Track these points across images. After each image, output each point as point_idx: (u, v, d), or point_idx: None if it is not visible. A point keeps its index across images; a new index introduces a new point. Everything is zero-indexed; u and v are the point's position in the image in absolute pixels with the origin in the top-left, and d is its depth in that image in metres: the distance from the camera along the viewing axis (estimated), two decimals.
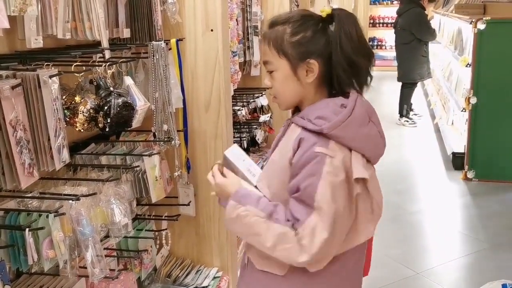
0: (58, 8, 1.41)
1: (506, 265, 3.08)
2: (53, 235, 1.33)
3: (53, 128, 1.33)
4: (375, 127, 1.29)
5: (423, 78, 6.66)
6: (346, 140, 1.22)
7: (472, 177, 4.51)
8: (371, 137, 1.27)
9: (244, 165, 1.39)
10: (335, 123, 1.20)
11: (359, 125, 1.23)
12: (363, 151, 1.24)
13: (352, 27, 1.26)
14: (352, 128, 1.22)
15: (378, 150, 1.30)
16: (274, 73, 1.30)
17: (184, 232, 2.23)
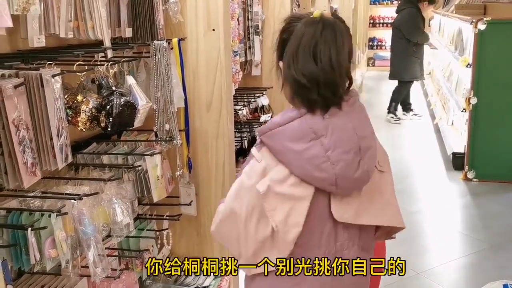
0: (61, 7, 1.41)
1: (506, 265, 3.08)
2: (55, 234, 1.33)
3: (56, 127, 1.33)
4: (321, 148, 1.17)
5: (413, 79, 6.73)
6: (272, 149, 1.20)
7: (472, 177, 4.52)
8: (305, 156, 1.17)
9: None
10: (262, 129, 1.21)
11: (289, 139, 1.17)
12: (289, 167, 1.18)
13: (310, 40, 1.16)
14: (279, 140, 1.18)
15: (319, 174, 1.17)
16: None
17: (185, 231, 2.23)
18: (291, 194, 1.18)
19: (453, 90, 5.43)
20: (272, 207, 1.18)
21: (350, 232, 1.26)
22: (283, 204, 1.18)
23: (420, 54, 6.59)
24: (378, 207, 1.27)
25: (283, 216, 1.18)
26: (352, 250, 1.27)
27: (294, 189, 1.18)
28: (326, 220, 1.23)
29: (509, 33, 4.34)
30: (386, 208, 1.29)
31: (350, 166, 1.18)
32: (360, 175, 1.19)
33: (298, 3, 3.53)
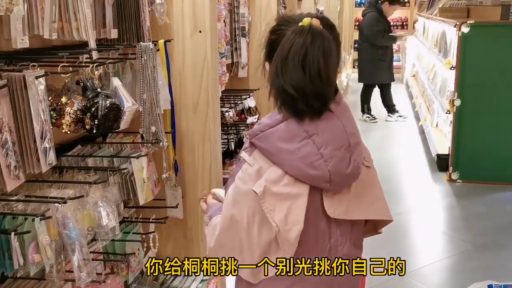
0: (45, 8, 1.39)
1: (490, 265, 3.12)
2: (39, 239, 1.31)
3: (39, 129, 1.30)
4: (313, 146, 1.18)
5: (381, 82, 6.86)
6: (265, 152, 1.20)
7: (456, 178, 4.57)
8: (298, 155, 1.18)
9: None
10: (254, 132, 1.21)
11: (281, 140, 1.18)
12: (283, 167, 1.19)
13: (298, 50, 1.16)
14: (271, 141, 1.19)
15: (313, 171, 1.18)
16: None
17: (172, 234, 2.21)
18: (288, 193, 1.19)
19: (437, 92, 5.49)
20: (271, 207, 1.19)
21: (342, 228, 1.28)
22: (281, 203, 1.19)
23: (387, 57, 6.73)
24: (367, 202, 1.29)
25: (283, 215, 1.19)
26: (345, 246, 1.29)
27: (289, 188, 1.19)
28: (320, 217, 1.24)
29: (492, 36, 4.40)
30: (375, 202, 1.32)
31: (342, 162, 1.20)
32: (351, 170, 1.22)
33: (284, 5, 3.54)
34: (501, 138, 4.44)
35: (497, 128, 4.44)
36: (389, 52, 6.82)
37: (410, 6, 11.49)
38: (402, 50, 10.13)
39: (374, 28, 6.58)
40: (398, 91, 8.20)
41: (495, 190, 4.36)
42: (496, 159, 4.46)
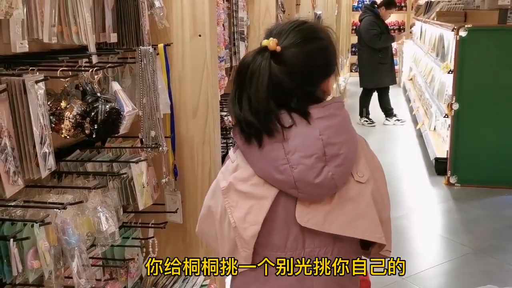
0: (44, 11, 1.38)
1: (490, 270, 3.11)
2: (38, 245, 1.29)
3: (39, 134, 1.29)
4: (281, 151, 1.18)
5: (383, 85, 6.87)
6: (240, 149, 1.26)
7: (455, 182, 4.57)
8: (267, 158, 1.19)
9: None
10: (234, 131, 1.26)
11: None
12: (254, 168, 1.22)
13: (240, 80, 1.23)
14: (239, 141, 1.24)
15: (278, 176, 1.19)
16: None
17: (171, 239, 2.20)
18: (252, 193, 1.21)
19: (435, 96, 5.50)
20: (233, 203, 1.22)
21: (321, 240, 1.24)
22: (244, 202, 1.22)
23: (387, 60, 6.76)
24: (350, 218, 1.22)
25: (243, 214, 1.21)
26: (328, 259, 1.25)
27: (255, 188, 1.21)
28: (291, 223, 1.22)
29: (490, 39, 4.42)
30: (360, 219, 1.23)
31: (310, 170, 1.18)
32: (322, 181, 1.18)
33: (283, 9, 3.54)
34: (499, 141, 4.45)
35: (495, 132, 4.45)
36: (389, 55, 6.83)
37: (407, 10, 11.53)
38: (399, 54, 10.16)
39: (371, 32, 6.63)
40: (395, 94, 8.21)
41: (493, 193, 4.36)
42: (494, 163, 4.47)
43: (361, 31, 6.88)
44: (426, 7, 8.68)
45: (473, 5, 5.90)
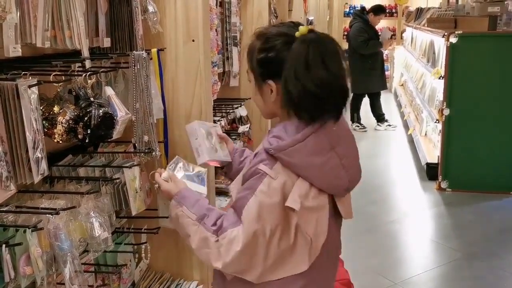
0: (38, 16, 1.37)
1: (480, 275, 3.13)
2: (31, 251, 1.28)
3: (32, 139, 1.28)
4: (337, 158, 1.23)
5: (373, 91, 6.91)
6: (292, 165, 1.20)
7: (446, 187, 4.60)
8: (326, 168, 1.22)
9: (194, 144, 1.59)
10: (281, 147, 1.20)
11: (310, 154, 1.20)
12: (311, 180, 1.21)
13: (316, 52, 1.17)
14: (301, 155, 1.20)
15: (337, 182, 1.25)
16: (251, 83, 1.35)
17: (164, 245, 2.19)
18: (316, 206, 1.24)
19: (426, 101, 5.54)
20: (305, 221, 1.22)
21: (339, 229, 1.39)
22: (312, 215, 1.23)
23: (377, 66, 6.82)
24: (350, 203, 1.39)
25: (314, 227, 1.24)
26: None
27: (316, 200, 1.23)
28: (333, 221, 1.31)
29: (480, 46, 4.47)
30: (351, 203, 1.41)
31: (357, 170, 1.31)
32: (360, 176, 1.33)
33: (276, 15, 3.55)
34: (490, 147, 4.49)
35: (486, 137, 4.48)
36: (379, 61, 6.90)
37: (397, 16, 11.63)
38: (390, 60, 10.24)
39: (358, 39, 6.68)
40: (386, 100, 8.26)
41: (484, 199, 4.39)
42: (485, 168, 4.50)
43: (350, 37, 6.94)
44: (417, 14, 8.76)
45: (463, 12, 5.96)
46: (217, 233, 1.25)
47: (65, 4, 1.45)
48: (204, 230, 1.27)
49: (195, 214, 1.31)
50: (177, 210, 1.35)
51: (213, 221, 1.27)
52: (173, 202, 1.38)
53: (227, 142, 1.71)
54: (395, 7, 11.66)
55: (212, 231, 1.25)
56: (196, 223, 1.29)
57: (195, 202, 1.35)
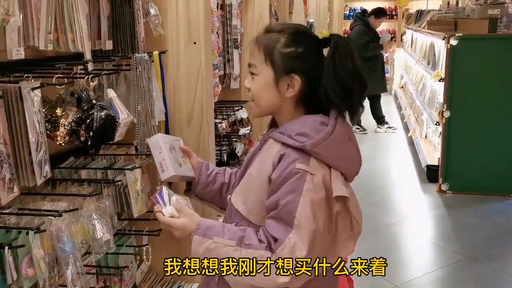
0: (41, 19, 1.38)
1: (481, 277, 3.13)
2: (33, 253, 1.28)
3: (35, 141, 1.29)
4: (354, 146, 1.31)
5: (373, 93, 6.93)
6: (326, 158, 1.22)
7: (446, 189, 4.60)
8: (350, 155, 1.29)
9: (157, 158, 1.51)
10: (318, 141, 1.21)
11: (339, 144, 1.25)
12: (342, 169, 1.25)
13: (347, 54, 1.26)
14: (333, 146, 1.23)
15: (355, 169, 1.32)
16: (256, 77, 1.31)
17: (165, 247, 2.19)
18: (352, 191, 1.29)
19: (426, 104, 5.55)
20: (353, 206, 1.26)
21: None
22: (355, 201, 1.29)
23: (378, 68, 6.83)
24: None
25: (359, 212, 1.29)
26: None
27: (349, 187, 1.30)
28: None
29: (480, 48, 4.47)
30: None
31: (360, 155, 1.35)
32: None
33: (276, 17, 3.56)
34: (490, 149, 4.49)
35: (486, 139, 4.49)
36: (379, 63, 6.90)
37: (398, 19, 11.65)
38: (390, 62, 10.25)
39: (359, 42, 6.69)
40: (386, 102, 8.27)
41: (484, 201, 4.39)
42: (485, 170, 4.51)
43: (351, 40, 6.96)
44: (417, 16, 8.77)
45: (463, 14, 5.97)
46: (270, 248, 1.18)
47: (68, 7, 1.45)
48: (253, 251, 1.18)
49: (232, 240, 1.20)
50: (206, 244, 1.23)
51: (256, 239, 1.20)
52: (197, 238, 1.25)
53: (191, 156, 1.62)
54: (395, 10, 11.68)
55: (264, 248, 1.18)
56: (239, 248, 1.19)
57: (222, 228, 1.25)
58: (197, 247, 1.24)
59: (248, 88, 1.34)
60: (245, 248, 1.19)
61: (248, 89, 1.34)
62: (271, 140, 1.30)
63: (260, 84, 1.30)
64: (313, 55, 1.27)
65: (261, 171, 1.27)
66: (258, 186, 1.27)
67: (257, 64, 1.30)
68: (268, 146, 1.31)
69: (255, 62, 1.31)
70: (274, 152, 1.25)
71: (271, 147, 1.28)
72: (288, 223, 1.17)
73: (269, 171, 1.24)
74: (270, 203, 1.21)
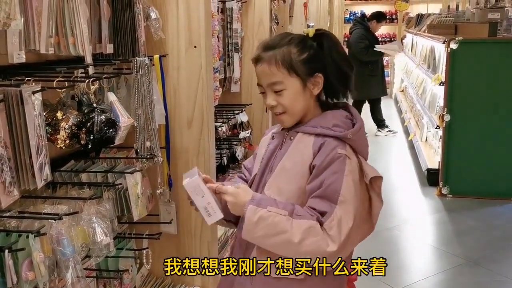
0: (42, 23, 1.38)
1: (482, 281, 3.13)
2: (33, 256, 1.28)
3: (35, 145, 1.29)
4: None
5: (373, 97, 6.92)
6: (358, 145, 1.38)
7: (447, 193, 4.59)
8: (367, 145, 1.45)
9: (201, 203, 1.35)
10: (356, 130, 1.38)
11: (364, 134, 1.42)
12: (364, 156, 1.41)
13: (337, 43, 1.45)
14: (362, 135, 1.41)
15: (367, 158, 1.44)
16: (284, 92, 1.39)
17: (165, 250, 2.19)
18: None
19: (427, 107, 5.55)
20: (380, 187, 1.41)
21: None
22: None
23: (378, 72, 6.83)
24: None
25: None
26: None
27: None
28: None
29: (480, 52, 4.48)
30: None
31: None
32: None
33: (277, 21, 3.57)
34: (491, 153, 4.49)
35: (487, 143, 4.49)
36: (379, 67, 6.91)
37: (398, 22, 11.66)
38: (390, 65, 10.26)
39: (359, 46, 6.69)
40: (387, 106, 8.27)
41: (485, 204, 4.39)
42: (485, 174, 4.50)
43: (350, 44, 6.96)
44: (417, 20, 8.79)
45: (463, 18, 5.98)
46: (319, 219, 1.29)
47: (69, 11, 1.46)
48: (305, 221, 1.28)
49: (285, 210, 1.30)
50: (260, 212, 1.29)
51: (306, 212, 1.30)
52: (251, 207, 1.30)
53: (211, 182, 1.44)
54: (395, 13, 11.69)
55: (314, 219, 1.28)
56: (290, 218, 1.28)
57: (273, 200, 1.33)
58: (251, 215, 1.30)
59: (273, 106, 1.41)
60: (297, 219, 1.28)
61: (273, 107, 1.41)
62: (299, 135, 1.41)
63: (291, 97, 1.39)
64: (319, 52, 1.40)
65: (298, 162, 1.37)
66: (296, 175, 1.36)
67: (282, 80, 1.38)
68: (297, 140, 1.41)
69: (279, 79, 1.38)
70: (308, 143, 1.37)
71: (302, 140, 1.39)
72: (332, 200, 1.29)
73: (309, 159, 1.35)
74: (313, 186, 1.32)
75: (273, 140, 1.48)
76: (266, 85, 1.40)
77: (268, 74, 1.38)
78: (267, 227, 1.28)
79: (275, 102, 1.40)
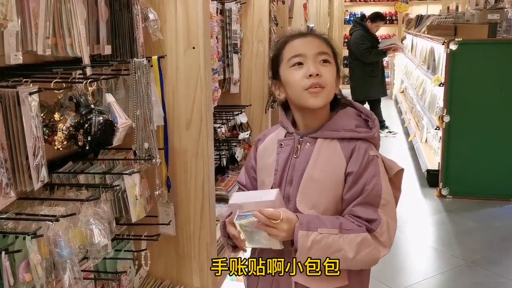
0: (39, 23, 1.38)
1: (482, 282, 3.12)
2: (30, 257, 1.28)
3: (32, 146, 1.29)
4: None
5: (373, 97, 6.93)
6: (378, 141, 1.39)
7: (447, 194, 4.59)
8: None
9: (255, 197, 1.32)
10: (377, 129, 1.37)
11: None
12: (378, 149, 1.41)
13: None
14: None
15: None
16: (330, 66, 1.35)
17: (164, 252, 2.18)
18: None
19: (426, 108, 5.55)
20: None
21: None
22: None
23: (378, 72, 6.84)
24: None
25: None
26: None
27: None
28: None
29: (480, 53, 4.47)
30: None
31: None
32: None
33: (276, 22, 3.56)
34: (490, 153, 4.48)
35: (486, 144, 4.48)
36: (380, 68, 6.92)
37: (398, 23, 11.66)
38: (390, 66, 10.25)
39: (361, 47, 6.70)
40: (387, 107, 8.26)
41: (485, 205, 4.38)
42: (485, 175, 4.50)
43: (351, 45, 6.96)
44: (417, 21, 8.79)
45: (463, 19, 5.98)
46: (370, 228, 1.28)
47: (66, 12, 1.45)
48: (355, 235, 1.26)
49: (334, 228, 1.27)
50: (312, 236, 1.25)
51: (353, 224, 1.28)
52: (302, 233, 1.25)
53: None
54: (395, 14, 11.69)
55: (363, 230, 1.28)
56: (342, 235, 1.26)
57: (317, 219, 1.28)
58: (304, 241, 1.26)
59: (317, 74, 1.31)
60: (347, 234, 1.26)
61: (317, 75, 1.31)
62: (319, 141, 1.34)
63: (332, 74, 1.36)
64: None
65: (329, 171, 1.32)
66: (330, 186, 1.32)
67: (330, 54, 1.37)
68: (319, 146, 1.34)
69: (328, 51, 1.37)
70: (336, 149, 1.32)
71: (325, 146, 1.33)
72: (376, 204, 1.29)
73: (342, 167, 1.31)
74: (353, 194, 1.30)
75: (282, 148, 1.40)
76: (313, 54, 1.33)
77: (318, 45, 1.36)
78: (321, 249, 1.26)
79: (320, 71, 1.32)
